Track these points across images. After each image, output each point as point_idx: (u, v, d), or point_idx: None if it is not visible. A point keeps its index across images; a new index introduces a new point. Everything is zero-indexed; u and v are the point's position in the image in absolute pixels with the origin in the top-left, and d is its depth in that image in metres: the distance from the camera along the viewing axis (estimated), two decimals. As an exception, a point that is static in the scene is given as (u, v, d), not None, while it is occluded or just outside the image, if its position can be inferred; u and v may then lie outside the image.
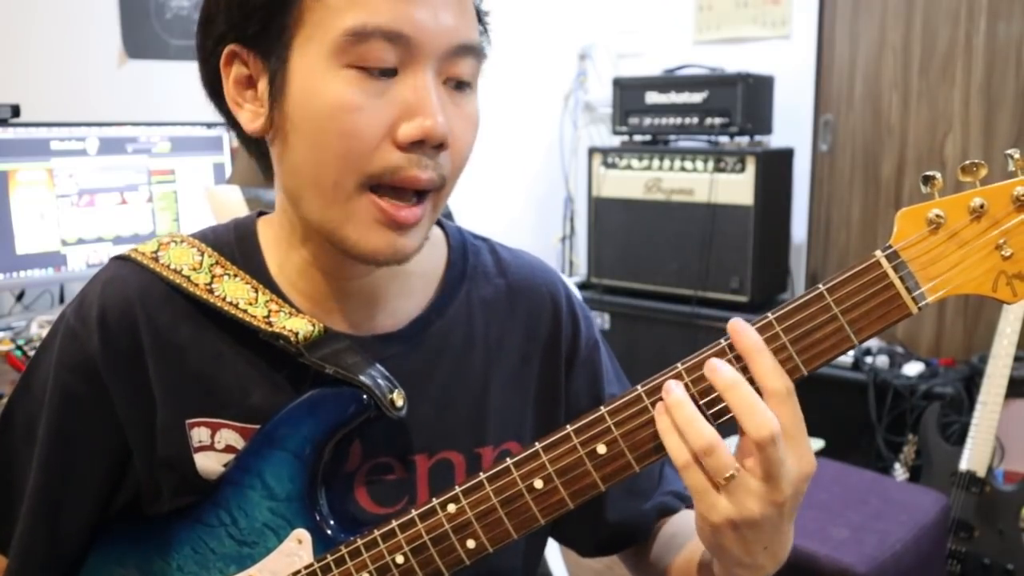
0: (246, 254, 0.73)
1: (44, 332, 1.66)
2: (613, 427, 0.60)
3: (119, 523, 0.74)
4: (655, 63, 3.16)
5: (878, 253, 0.57)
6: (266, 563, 0.69)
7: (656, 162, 2.86)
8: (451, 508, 0.63)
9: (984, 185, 0.58)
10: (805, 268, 3.07)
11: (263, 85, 0.65)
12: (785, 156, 2.87)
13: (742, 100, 2.72)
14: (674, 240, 2.81)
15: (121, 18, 2.20)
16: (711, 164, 2.73)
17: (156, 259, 0.71)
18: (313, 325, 0.69)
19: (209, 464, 0.70)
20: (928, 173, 0.58)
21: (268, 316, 0.69)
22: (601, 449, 0.60)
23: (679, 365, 0.60)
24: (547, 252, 3.48)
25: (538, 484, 0.61)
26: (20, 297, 2.00)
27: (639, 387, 0.60)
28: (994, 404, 2.09)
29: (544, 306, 0.81)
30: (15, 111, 1.80)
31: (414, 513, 0.65)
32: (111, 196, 1.95)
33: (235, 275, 0.71)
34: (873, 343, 2.65)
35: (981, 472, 2.06)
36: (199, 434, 0.70)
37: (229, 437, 0.70)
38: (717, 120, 2.78)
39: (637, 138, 3.00)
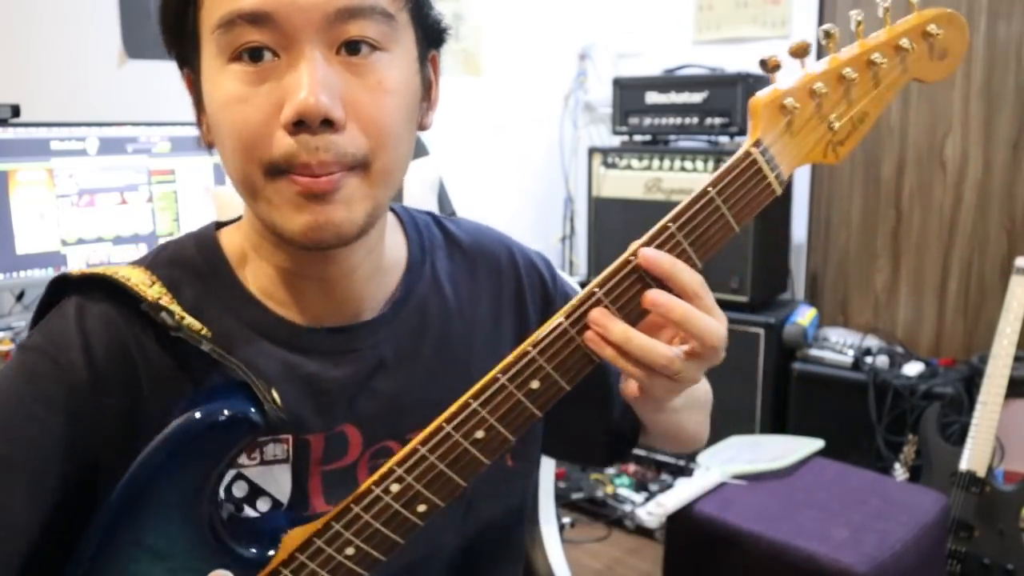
0: (213, 267, 0.71)
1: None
2: (544, 363, 0.62)
3: None
4: (655, 63, 3.16)
5: (753, 150, 0.64)
6: None
7: (656, 162, 2.86)
8: (394, 488, 0.63)
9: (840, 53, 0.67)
10: (805, 268, 3.07)
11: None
12: (785, 156, 2.87)
13: (742, 100, 2.72)
14: (674, 240, 2.81)
15: (121, 18, 2.20)
16: (711, 164, 2.73)
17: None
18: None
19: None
20: (763, 58, 0.67)
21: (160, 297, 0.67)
22: (535, 385, 0.62)
23: (597, 290, 0.63)
24: (547, 252, 3.46)
25: (480, 435, 0.62)
26: (20, 297, 2.00)
27: (562, 318, 0.62)
28: (994, 404, 2.09)
29: (501, 264, 0.83)
30: (15, 111, 1.80)
31: (356, 508, 0.63)
32: (111, 196, 1.95)
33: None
34: (873, 343, 2.65)
35: (981, 472, 2.06)
36: None
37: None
38: (717, 120, 2.78)
39: (637, 138, 3.00)
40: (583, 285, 2.46)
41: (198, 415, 0.61)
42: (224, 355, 0.65)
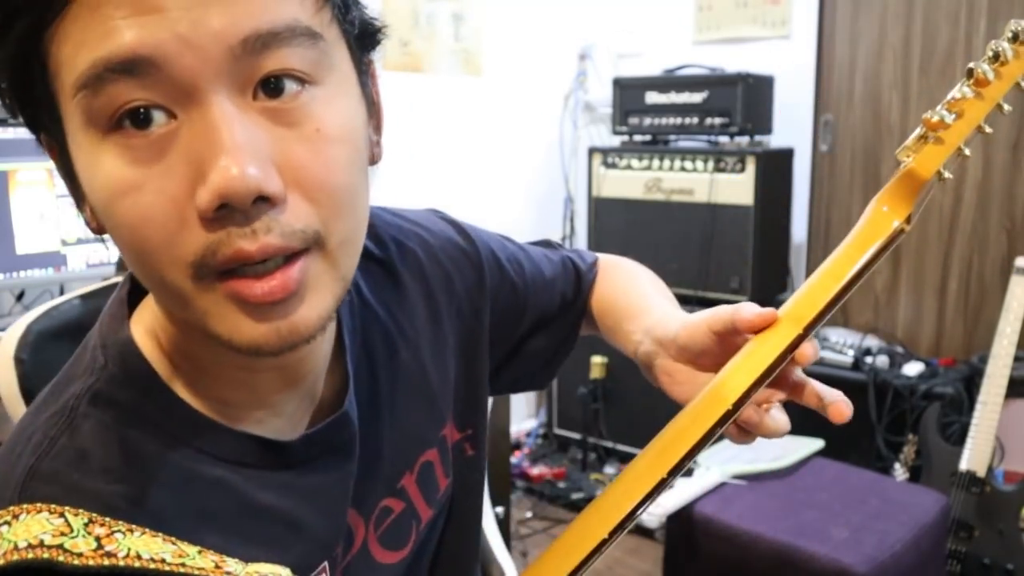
0: (155, 400, 0.53)
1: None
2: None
3: None
4: (655, 63, 3.16)
5: (907, 227, 0.61)
6: None
7: (656, 162, 2.86)
8: None
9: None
10: (805, 268, 3.07)
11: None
12: (785, 156, 2.87)
13: (742, 100, 2.72)
14: (674, 240, 2.81)
15: (121, 18, 2.20)
16: (711, 164, 2.73)
17: None
18: (283, 571, 0.52)
19: None
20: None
21: (217, 566, 0.49)
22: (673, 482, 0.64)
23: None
24: (547, 252, 3.48)
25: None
26: (20, 297, 2.00)
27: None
28: (994, 404, 2.09)
29: (421, 260, 0.73)
30: (15, 111, 1.80)
31: None
32: (111, 196, 1.95)
33: (129, 530, 0.48)
34: (873, 343, 2.65)
35: (981, 472, 2.06)
36: None
37: None
38: (717, 120, 2.78)
39: (637, 138, 3.00)
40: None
41: None
42: None
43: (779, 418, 0.64)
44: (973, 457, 2.08)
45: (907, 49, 2.80)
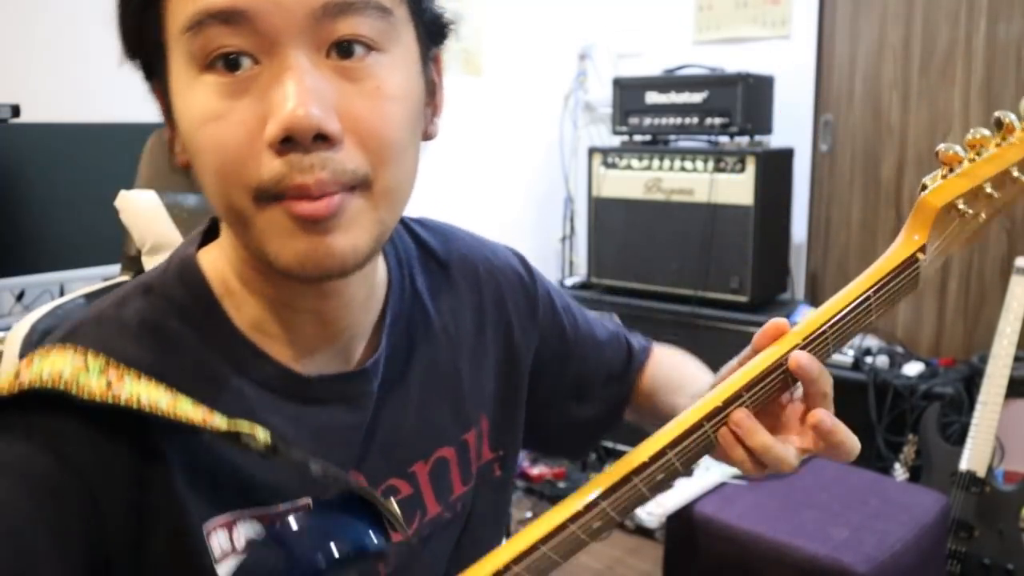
0: (203, 307, 0.61)
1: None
2: (675, 458, 0.63)
3: None
4: (655, 63, 3.16)
5: (920, 256, 0.62)
6: None
7: (656, 162, 2.86)
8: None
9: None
10: (805, 268, 3.07)
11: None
12: (785, 156, 2.87)
13: (742, 100, 2.72)
14: (674, 240, 2.81)
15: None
16: (711, 164, 2.73)
17: (18, 379, 0.53)
18: (264, 432, 0.56)
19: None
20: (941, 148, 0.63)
21: (206, 418, 0.55)
22: (659, 476, 0.63)
23: (744, 393, 0.63)
24: (547, 252, 3.49)
25: (596, 524, 0.64)
26: (20, 297, 2.00)
27: (703, 418, 0.63)
28: (994, 404, 2.09)
29: (479, 272, 0.78)
30: (15, 111, 1.80)
31: None
32: (111, 196, 1.95)
33: (137, 377, 0.54)
34: (873, 343, 2.65)
35: (981, 472, 2.06)
36: (219, 540, 0.57)
37: (248, 530, 0.58)
38: (717, 120, 2.78)
39: (637, 138, 3.00)
40: (584, 286, 2.48)
41: (334, 555, 0.58)
42: (320, 467, 0.57)
43: (788, 450, 0.65)
44: (973, 457, 2.08)
45: (907, 49, 2.80)
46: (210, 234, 0.66)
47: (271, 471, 0.58)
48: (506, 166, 3.27)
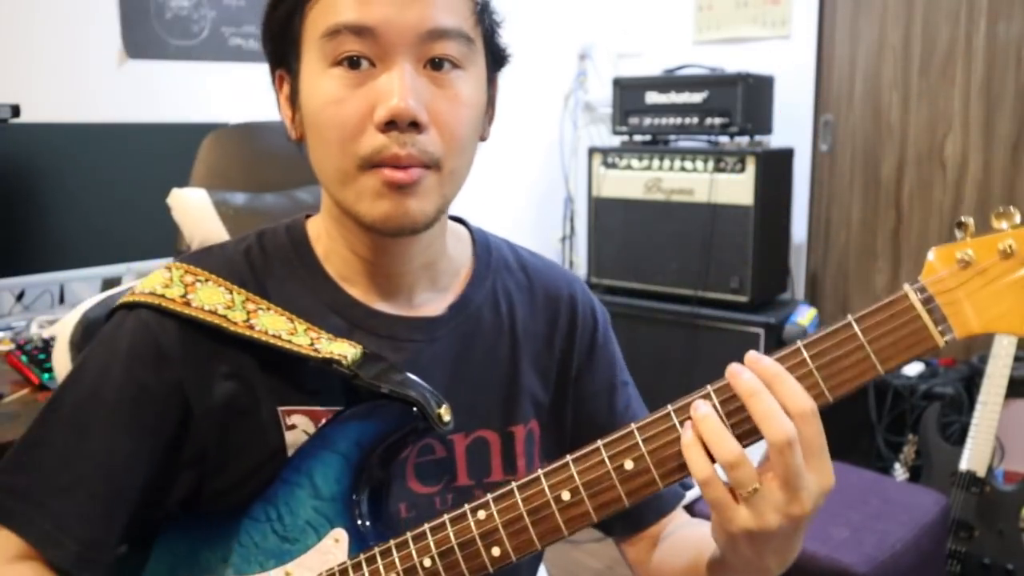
0: (300, 253, 0.80)
1: (44, 332, 1.66)
2: (642, 444, 0.62)
3: (172, 519, 0.76)
4: (655, 63, 3.16)
5: (906, 287, 0.59)
6: (303, 559, 0.71)
7: (656, 162, 2.86)
8: (480, 515, 0.66)
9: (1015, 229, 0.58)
10: (805, 268, 3.07)
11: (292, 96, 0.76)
12: (785, 156, 2.87)
13: (742, 100, 2.72)
14: (674, 240, 2.81)
15: (121, 18, 2.20)
16: (711, 164, 2.73)
17: (188, 303, 0.73)
18: (355, 348, 0.73)
19: (298, 440, 0.75)
20: (961, 219, 0.59)
21: (312, 344, 0.73)
22: (628, 465, 0.63)
23: (708, 387, 0.62)
24: (547, 252, 3.47)
25: (565, 496, 0.63)
26: (20, 297, 2.00)
27: (669, 406, 0.63)
28: (994, 404, 2.09)
29: (562, 298, 0.89)
30: (15, 111, 1.80)
31: (445, 518, 0.67)
32: (111, 196, 1.95)
33: (268, 309, 0.75)
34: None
35: (981, 472, 2.06)
36: (291, 419, 0.75)
37: (303, 423, 0.75)
38: (717, 120, 2.78)
39: (637, 138, 3.00)
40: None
41: (394, 413, 0.71)
42: (396, 391, 0.70)
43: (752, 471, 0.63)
44: (973, 457, 2.08)
45: (907, 49, 2.80)
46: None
47: (327, 377, 0.72)
48: (506, 166, 3.27)
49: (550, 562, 1.95)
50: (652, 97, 2.91)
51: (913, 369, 2.50)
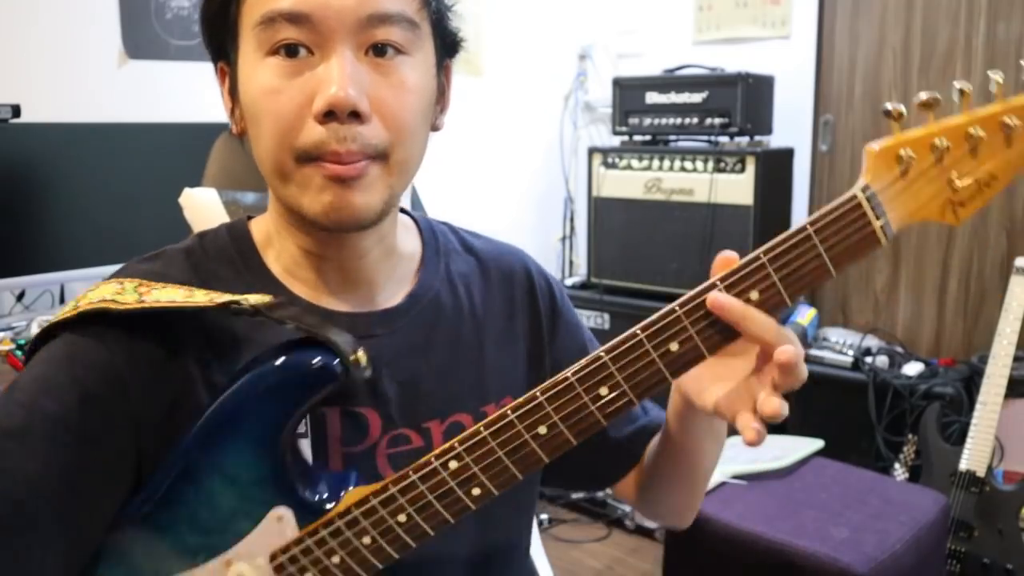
0: (243, 252, 0.77)
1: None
2: (616, 371, 0.62)
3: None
4: (655, 63, 3.15)
5: (859, 195, 0.61)
6: (242, 547, 0.67)
7: (656, 162, 2.86)
8: (453, 464, 0.65)
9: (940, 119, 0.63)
10: (805, 268, 3.07)
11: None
12: (785, 156, 2.87)
13: (742, 100, 2.72)
14: (674, 240, 2.81)
15: (121, 18, 2.20)
16: (711, 164, 2.73)
17: (76, 308, 0.67)
18: (265, 297, 0.68)
19: None
20: (888, 107, 0.63)
21: (211, 298, 0.67)
22: (604, 391, 0.63)
23: (678, 309, 0.63)
24: (547, 252, 3.49)
25: (542, 431, 0.63)
26: (20, 297, 2.00)
27: (637, 329, 0.63)
28: (994, 404, 2.09)
29: (516, 273, 0.88)
30: (15, 111, 1.80)
31: (413, 476, 0.65)
32: (111, 196, 1.95)
33: (163, 287, 0.70)
34: (873, 343, 2.65)
35: (981, 472, 2.07)
36: None
37: None
38: (717, 120, 2.78)
39: (637, 138, 3.00)
40: (583, 285, 2.48)
41: (292, 359, 0.66)
42: (303, 327, 0.66)
43: (775, 401, 0.63)
44: (973, 457, 2.08)
45: (907, 49, 2.80)
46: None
47: (265, 337, 0.69)
48: (506, 166, 3.27)
49: (551, 562, 1.95)
50: (652, 97, 2.91)
51: (913, 369, 2.50)
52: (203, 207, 1.40)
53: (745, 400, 0.64)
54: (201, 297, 0.67)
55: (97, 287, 0.69)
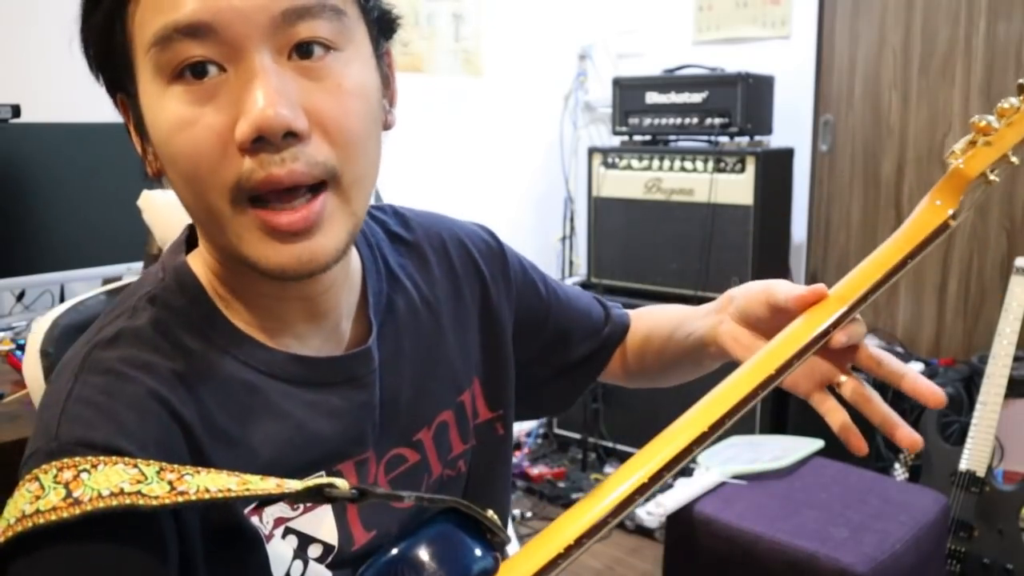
0: (204, 314, 0.63)
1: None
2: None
3: None
4: (655, 63, 3.16)
5: (951, 223, 0.67)
6: None
7: (656, 162, 2.86)
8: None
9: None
10: (805, 268, 3.07)
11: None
12: (785, 156, 2.87)
13: (742, 100, 2.72)
14: (674, 240, 2.81)
15: (121, 18, 2.20)
16: (711, 164, 2.73)
17: (77, 502, 0.48)
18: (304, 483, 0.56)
19: (279, 551, 0.61)
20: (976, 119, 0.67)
21: (279, 484, 0.54)
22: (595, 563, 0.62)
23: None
24: (547, 252, 3.49)
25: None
26: (20, 297, 2.00)
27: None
28: (994, 404, 2.09)
29: (446, 242, 0.81)
30: (15, 111, 1.80)
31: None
32: (111, 196, 1.95)
33: (196, 472, 0.52)
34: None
35: (981, 472, 2.07)
36: (259, 523, 0.60)
37: (273, 511, 0.61)
38: (717, 120, 2.78)
39: (637, 138, 3.00)
40: (584, 286, 2.49)
41: None
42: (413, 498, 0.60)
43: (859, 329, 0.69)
44: (973, 457, 2.08)
45: (907, 49, 2.80)
46: (191, 242, 0.68)
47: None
48: (506, 166, 3.27)
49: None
50: (652, 97, 2.91)
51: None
52: (164, 210, 1.32)
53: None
54: (260, 483, 0.53)
55: (94, 466, 0.50)
